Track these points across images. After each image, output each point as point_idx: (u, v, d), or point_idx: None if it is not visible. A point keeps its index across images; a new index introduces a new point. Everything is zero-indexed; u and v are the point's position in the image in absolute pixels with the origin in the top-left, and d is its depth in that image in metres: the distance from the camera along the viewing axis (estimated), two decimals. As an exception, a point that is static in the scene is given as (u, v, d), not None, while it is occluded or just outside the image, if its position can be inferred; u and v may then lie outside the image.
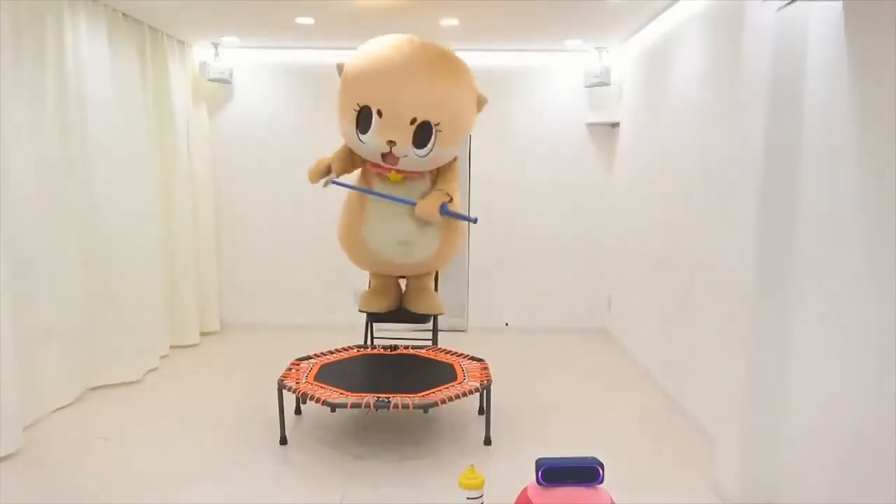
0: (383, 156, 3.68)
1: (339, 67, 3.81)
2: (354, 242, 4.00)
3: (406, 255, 3.91)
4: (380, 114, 3.57)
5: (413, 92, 3.56)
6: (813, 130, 2.50)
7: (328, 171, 3.87)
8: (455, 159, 4.00)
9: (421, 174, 3.86)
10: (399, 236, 3.85)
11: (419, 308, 4.26)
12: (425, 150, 3.64)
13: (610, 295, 5.73)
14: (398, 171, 3.77)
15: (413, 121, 3.56)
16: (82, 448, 3.37)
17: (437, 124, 3.60)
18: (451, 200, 3.86)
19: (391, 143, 3.59)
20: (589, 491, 2.01)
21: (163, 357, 4.86)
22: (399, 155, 3.64)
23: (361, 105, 3.61)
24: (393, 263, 4.00)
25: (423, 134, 3.60)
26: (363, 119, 3.63)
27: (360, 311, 4.30)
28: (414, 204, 3.77)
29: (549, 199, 5.79)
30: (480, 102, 3.85)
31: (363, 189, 3.90)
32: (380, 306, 4.25)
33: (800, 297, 2.57)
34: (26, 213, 3.55)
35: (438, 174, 3.94)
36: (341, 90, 3.78)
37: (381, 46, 3.67)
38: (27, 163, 3.55)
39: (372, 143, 3.64)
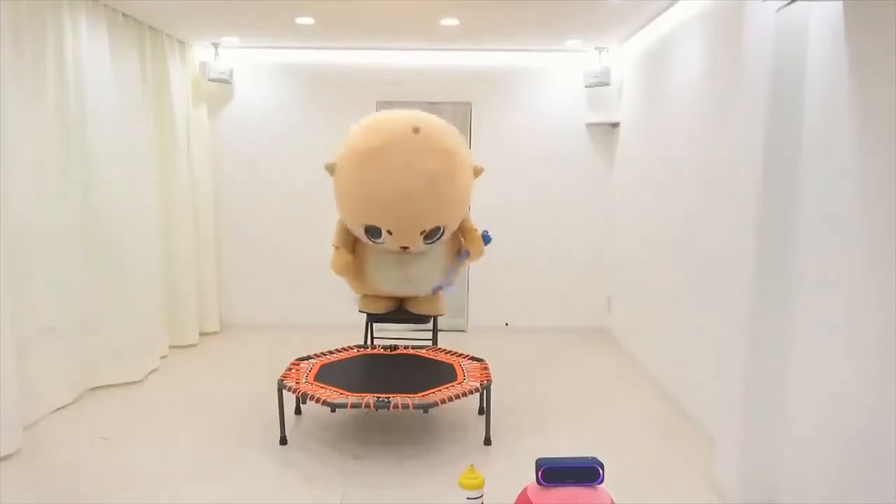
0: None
1: (330, 168, 3.79)
2: (359, 281, 4.14)
3: (411, 290, 4.11)
4: (389, 232, 3.69)
5: (417, 213, 3.65)
6: (813, 130, 2.50)
7: (350, 261, 3.97)
8: None
9: None
10: (405, 276, 4.02)
11: (420, 309, 4.27)
12: (436, 238, 3.82)
13: (610, 295, 5.73)
14: None
15: (422, 232, 3.72)
16: (82, 448, 3.37)
17: (447, 225, 3.81)
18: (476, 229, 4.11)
19: (404, 248, 3.79)
20: (589, 491, 2.01)
21: (162, 357, 4.85)
22: (412, 251, 3.87)
23: (369, 225, 3.72)
24: (397, 296, 4.21)
25: (433, 233, 3.77)
26: (370, 228, 3.74)
27: (360, 311, 4.30)
28: (468, 255, 4.06)
29: (548, 199, 5.78)
30: (477, 173, 3.96)
31: (454, 271, 4.11)
32: (379, 307, 4.26)
33: (800, 296, 2.57)
34: (26, 214, 3.55)
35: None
36: (340, 200, 3.82)
37: (372, 157, 3.57)
38: (27, 162, 3.55)
39: (385, 245, 3.82)
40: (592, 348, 5.37)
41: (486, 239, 4.06)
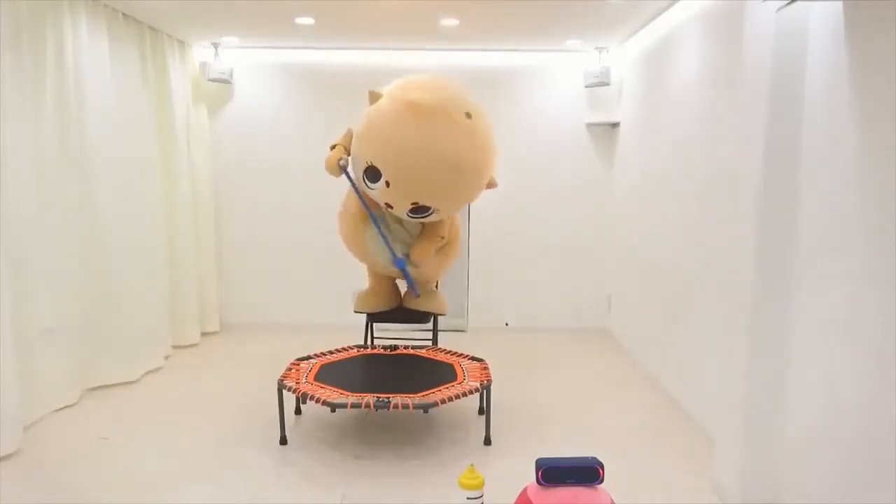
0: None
1: (373, 96, 3.69)
2: (356, 245, 4.10)
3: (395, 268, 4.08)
4: (387, 184, 3.59)
5: (423, 184, 3.58)
6: (813, 130, 2.50)
7: (339, 160, 3.84)
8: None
9: None
10: (394, 253, 4.01)
11: (420, 306, 4.27)
12: (419, 216, 3.78)
13: (610, 295, 5.73)
14: None
15: (414, 203, 3.65)
16: (82, 448, 3.37)
17: (438, 210, 3.74)
18: (442, 238, 4.07)
19: (388, 206, 3.73)
20: (589, 491, 2.01)
21: (166, 357, 4.85)
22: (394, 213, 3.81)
23: (374, 164, 3.61)
24: (390, 272, 4.20)
25: (420, 209, 3.70)
26: (372, 171, 3.63)
27: (355, 311, 4.31)
28: (397, 259, 3.98)
29: (548, 199, 5.78)
30: (490, 185, 3.83)
31: (368, 210, 3.89)
32: (374, 306, 4.29)
33: (800, 296, 2.57)
34: (26, 214, 3.54)
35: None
36: (364, 129, 3.68)
37: (418, 113, 3.48)
38: (27, 163, 3.55)
39: (373, 192, 3.73)
40: (592, 348, 5.37)
41: (400, 263, 4.01)
